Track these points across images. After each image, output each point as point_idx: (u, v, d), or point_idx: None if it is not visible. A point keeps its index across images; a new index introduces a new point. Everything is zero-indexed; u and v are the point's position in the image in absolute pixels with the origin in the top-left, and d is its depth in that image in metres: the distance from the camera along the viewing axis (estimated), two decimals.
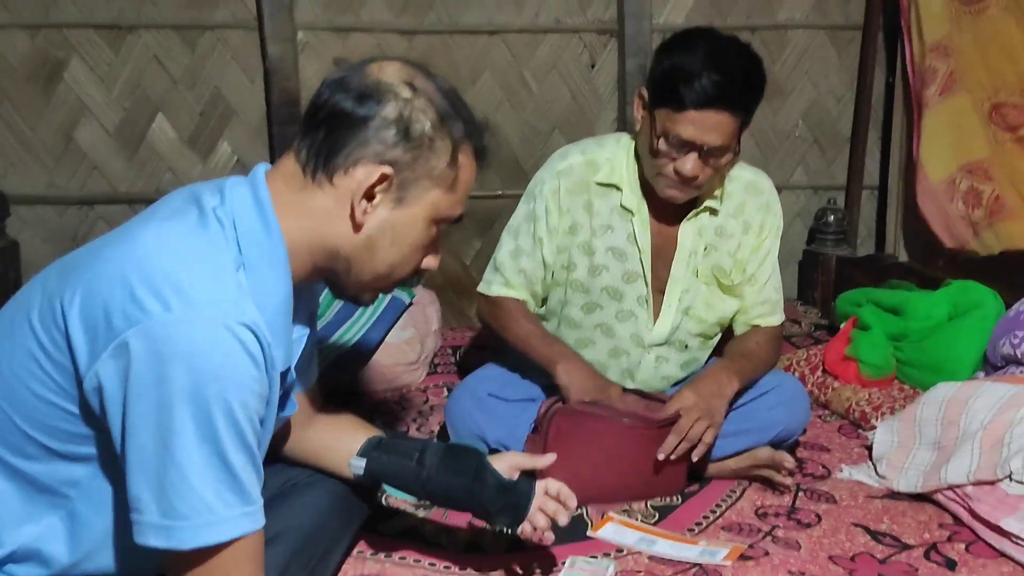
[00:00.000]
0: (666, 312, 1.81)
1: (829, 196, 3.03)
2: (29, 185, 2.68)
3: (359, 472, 1.32)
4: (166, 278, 0.93)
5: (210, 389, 0.91)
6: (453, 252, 2.86)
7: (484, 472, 1.31)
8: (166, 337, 0.91)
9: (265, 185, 1.06)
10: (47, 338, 0.96)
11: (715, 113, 1.58)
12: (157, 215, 1.05)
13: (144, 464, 0.93)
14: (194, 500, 0.93)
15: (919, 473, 1.72)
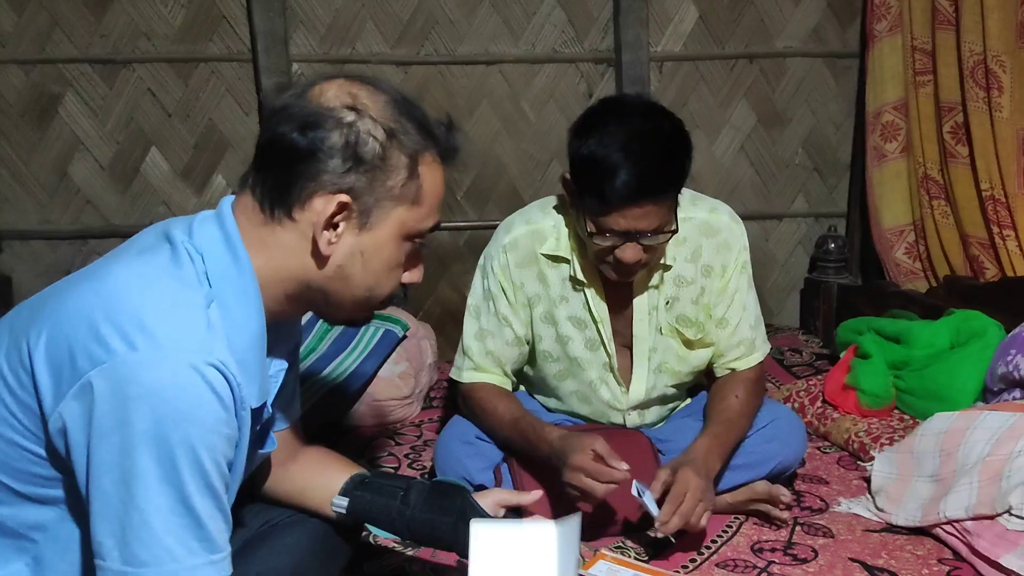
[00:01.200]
0: (638, 375, 1.77)
1: (830, 223, 3.01)
2: (23, 220, 2.68)
3: (342, 511, 1.28)
4: (132, 317, 0.91)
5: (174, 431, 0.89)
6: (452, 283, 2.85)
7: (469, 510, 1.27)
8: (130, 377, 0.88)
9: (232, 219, 1.04)
10: (13, 379, 0.94)
11: (643, 206, 1.50)
12: (128, 252, 1.03)
13: (107, 509, 0.90)
14: (156, 547, 0.90)
15: (918, 506, 1.67)
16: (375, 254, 1.05)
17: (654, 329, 1.74)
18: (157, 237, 1.04)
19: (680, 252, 1.71)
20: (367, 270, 1.05)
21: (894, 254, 2.83)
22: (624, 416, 1.81)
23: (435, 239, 2.85)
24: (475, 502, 1.29)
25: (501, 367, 1.78)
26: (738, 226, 1.75)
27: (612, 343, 1.74)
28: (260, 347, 1.04)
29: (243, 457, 1.03)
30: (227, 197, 1.08)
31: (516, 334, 1.75)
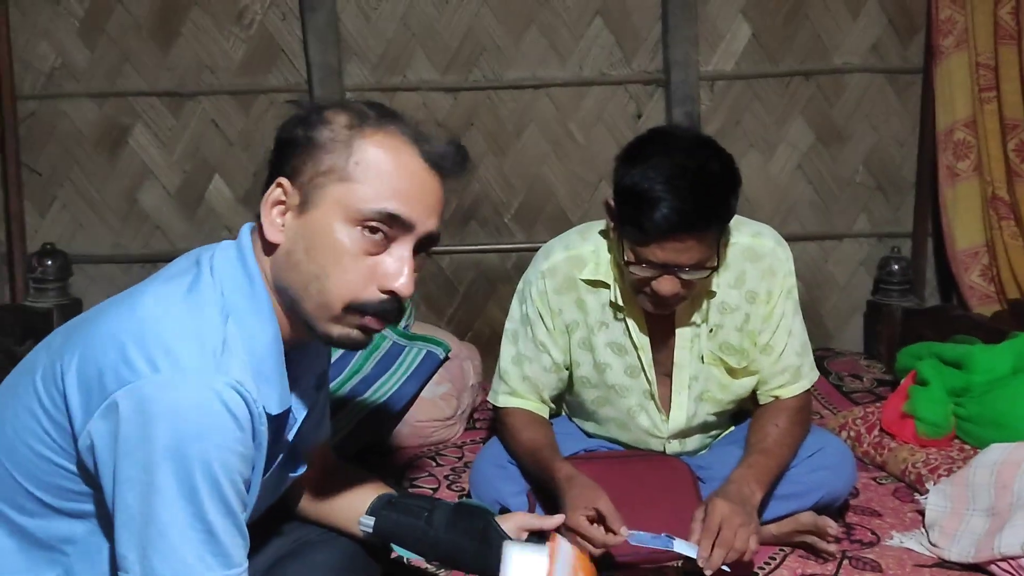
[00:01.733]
0: (677, 403, 1.73)
1: (894, 244, 2.90)
2: (95, 245, 2.81)
3: (368, 530, 1.30)
4: (157, 341, 0.95)
5: (192, 449, 0.92)
6: (500, 305, 2.86)
7: (491, 533, 1.28)
8: (152, 397, 0.92)
9: (249, 237, 1.08)
10: (47, 398, 0.99)
11: (683, 241, 1.48)
12: (159, 278, 1.08)
13: (129, 523, 0.94)
14: (174, 560, 0.93)
15: (972, 541, 1.59)
16: (316, 237, 1.02)
17: (696, 357, 1.71)
18: (190, 262, 1.09)
19: (724, 278, 1.67)
20: (311, 256, 1.02)
21: (969, 277, 2.73)
22: (664, 444, 1.78)
23: (483, 261, 2.88)
24: (498, 525, 1.29)
25: (538, 393, 1.77)
26: (783, 250, 1.71)
27: (652, 370, 1.71)
28: (277, 353, 1.06)
29: (261, 472, 1.05)
30: (248, 224, 1.11)
31: (554, 360, 1.74)
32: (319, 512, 1.36)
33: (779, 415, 1.70)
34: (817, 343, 2.91)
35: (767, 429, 1.67)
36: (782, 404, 1.72)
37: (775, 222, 2.48)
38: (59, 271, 2.64)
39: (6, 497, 1.02)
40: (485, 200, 2.86)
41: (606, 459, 1.76)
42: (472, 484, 1.76)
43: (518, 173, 2.85)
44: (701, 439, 1.82)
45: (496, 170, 2.84)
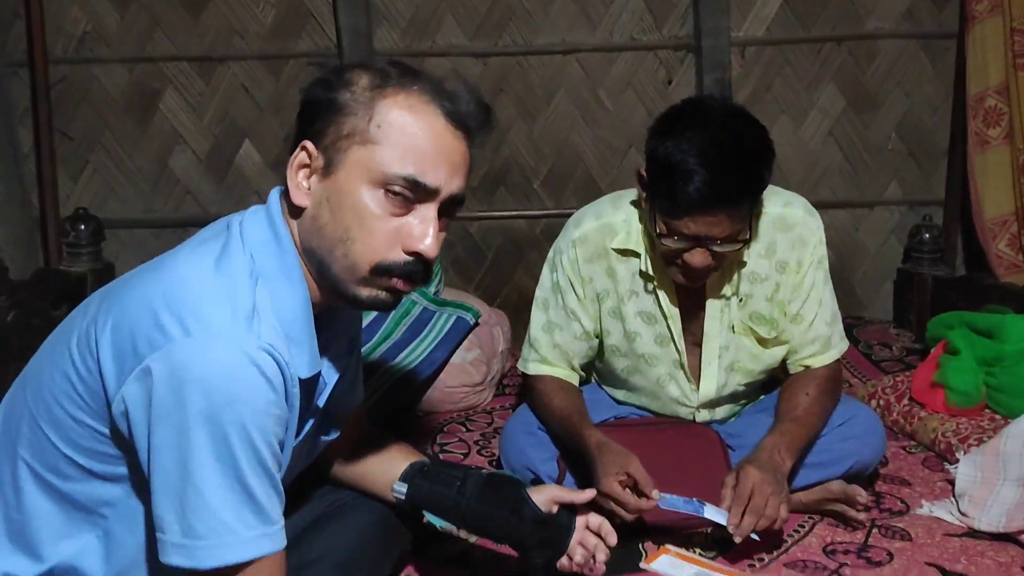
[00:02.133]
0: (707, 373, 1.74)
1: (926, 212, 2.87)
2: (128, 210, 2.84)
3: (401, 497, 1.33)
4: (188, 306, 0.97)
5: (226, 413, 0.94)
6: (529, 271, 2.87)
7: (522, 505, 1.30)
8: (185, 361, 0.94)
9: (278, 201, 1.09)
10: (81, 362, 1.01)
11: (715, 215, 1.48)
12: (191, 243, 1.10)
13: (166, 485, 0.96)
14: (213, 521, 0.95)
15: (1002, 511, 1.60)
16: (340, 200, 1.02)
17: (726, 327, 1.71)
18: (220, 227, 1.10)
19: (754, 248, 1.67)
20: (335, 218, 1.03)
21: (996, 245, 2.70)
22: (694, 413, 1.79)
23: (511, 227, 2.88)
24: (528, 497, 1.31)
25: (568, 361, 1.78)
26: (814, 220, 1.70)
27: (682, 340, 1.72)
28: (307, 317, 1.07)
29: (294, 434, 1.07)
30: (277, 187, 1.12)
31: (584, 329, 1.75)
32: (352, 476, 1.39)
33: (810, 384, 1.70)
34: (847, 312, 2.91)
35: (798, 398, 1.68)
36: (813, 373, 1.73)
37: (805, 189, 2.46)
38: (92, 236, 2.67)
39: (45, 462, 1.05)
40: (514, 166, 2.85)
41: (636, 426, 1.78)
42: (502, 450, 1.78)
43: (547, 139, 2.84)
44: (731, 408, 1.84)
45: (525, 136, 2.83)
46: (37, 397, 1.05)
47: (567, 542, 1.30)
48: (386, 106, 1.02)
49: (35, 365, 1.12)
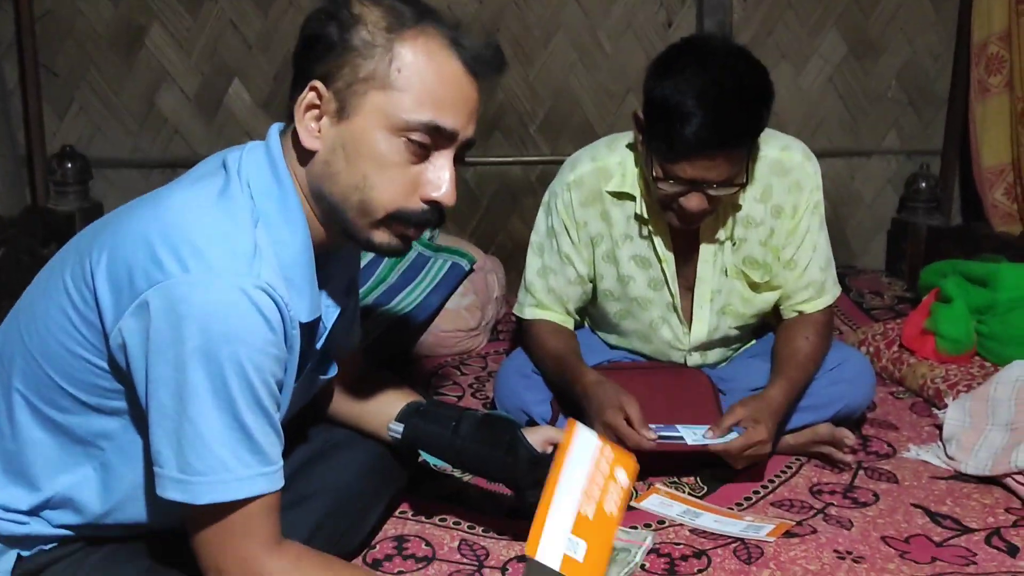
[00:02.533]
0: (699, 317, 1.74)
1: (923, 161, 2.86)
2: (115, 149, 2.79)
3: (397, 436, 1.33)
4: (186, 241, 0.95)
5: (223, 350, 0.93)
6: (524, 218, 2.85)
7: (517, 445, 1.31)
8: (183, 297, 0.92)
9: (278, 140, 1.06)
10: (77, 295, 1.00)
11: (713, 158, 1.46)
12: (187, 179, 1.07)
13: (164, 420, 0.95)
14: (209, 458, 0.95)
15: (990, 455, 1.62)
16: (357, 146, 1.00)
17: (719, 270, 1.71)
18: (215, 164, 1.08)
19: (750, 192, 1.66)
20: (351, 165, 1.01)
21: (993, 194, 2.70)
22: (685, 356, 1.80)
23: (506, 173, 2.85)
24: (523, 437, 1.31)
25: (563, 305, 1.78)
26: (811, 164, 1.69)
27: (676, 283, 1.72)
28: (308, 262, 1.05)
29: (293, 376, 1.07)
30: (274, 125, 1.09)
31: (579, 273, 1.75)
32: (349, 415, 1.39)
33: (808, 329, 1.71)
34: (840, 261, 2.88)
35: (797, 343, 1.68)
36: (809, 319, 1.73)
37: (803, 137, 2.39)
38: (79, 174, 2.63)
39: (41, 395, 1.04)
40: (510, 110, 2.81)
41: (628, 369, 1.79)
42: (496, 392, 1.79)
43: (544, 83, 2.80)
44: (722, 352, 1.84)
45: (522, 79, 2.79)
46: (31, 330, 1.04)
47: None
48: (405, 50, 0.99)
49: (27, 300, 1.10)
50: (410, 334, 2.12)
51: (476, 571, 1.34)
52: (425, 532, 1.44)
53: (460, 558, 1.37)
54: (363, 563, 1.35)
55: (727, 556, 1.37)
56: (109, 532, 1.10)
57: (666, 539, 1.43)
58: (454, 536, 1.43)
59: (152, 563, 1.11)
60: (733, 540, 1.42)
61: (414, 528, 1.45)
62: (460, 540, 1.42)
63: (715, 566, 1.35)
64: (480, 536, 1.44)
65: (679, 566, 1.35)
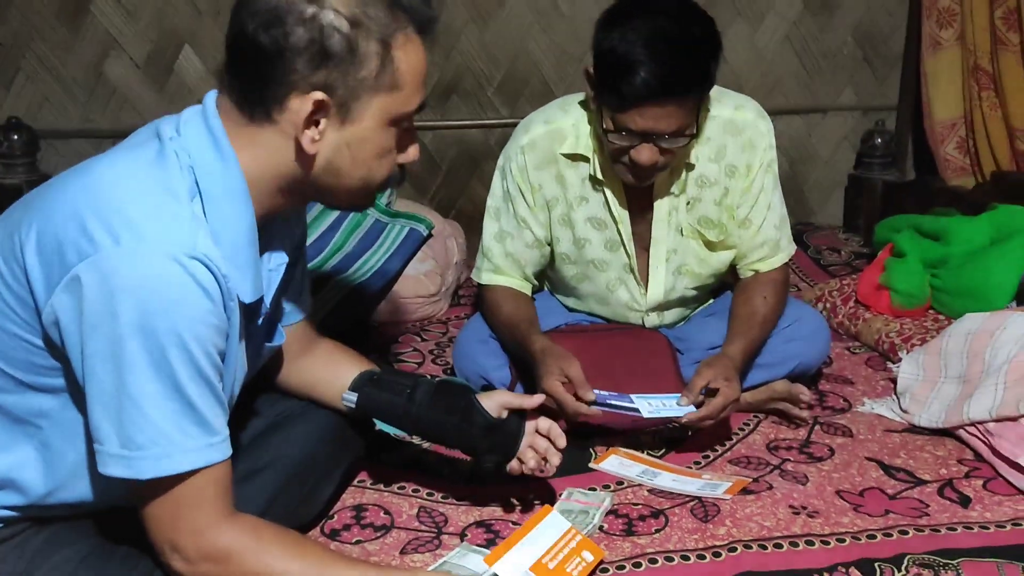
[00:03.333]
0: (655, 277, 1.74)
1: (879, 118, 2.87)
2: (64, 120, 2.72)
3: (351, 406, 1.33)
4: (117, 212, 0.93)
5: (160, 322, 0.92)
6: (484, 182, 2.81)
7: (472, 411, 1.31)
8: (115, 270, 0.91)
9: (216, 115, 1.03)
10: (8, 273, 0.98)
11: (662, 106, 1.45)
12: (119, 149, 1.05)
13: (102, 396, 0.94)
14: (151, 431, 0.94)
15: (942, 408, 1.65)
16: (362, 145, 1.04)
17: (674, 230, 1.71)
18: (148, 135, 1.05)
19: (703, 152, 1.66)
20: (356, 161, 1.05)
21: (945, 149, 2.72)
22: (643, 317, 1.81)
23: (465, 137, 2.83)
24: (478, 403, 1.31)
25: (521, 269, 1.77)
26: (764, 123, 1.69)
27: (632, 243, 1.72)
28: (251, 243, 1.05)
29: (237, 348, 1.05)
30: (210, 92, 1.06)
31: (535, 236, 1.74)
32: (302, 385, 1.37)
33: (765, 288, 1.73)
34: (799, 218, 2.95)
35: (755, 302, 1.70)
36: (765, 277, 1.75)
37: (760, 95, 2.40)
38: (26, 146, 2.56)
39: None
40: (467, 73, 2.78)
41: (586, 332, 1.79)
42: (455, 358, 1.79)
43: (501, 45, 2.76)
44: (680, 312, 1.85)
45: (478, 41, 2.75)
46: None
47: (517, 446, 1.32)
48: (399, 53, 1.02)
49: None
50: (369, 301, 2.11)
51: (435, 538, 1.34)
52: (384, 500, 1.44)
53: (419, 525, 1.38)
54: (321, 534, 1.35)
55: (684, 515, 1.39)
56: (54, 512, 1.09)
57: (624, 500, 1.44)
58: (413, 504, 1.44)
59: (100, 541, 1.09)
60: (691, 499, 1.44)
61: (372, 497, 1.46)
62: (419, 507, 1.42)
63: (672, 525, 1.37)
64: (439, 503, 1.45)
65: (637, 526, 1.37)
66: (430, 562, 1.26)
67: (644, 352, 1.72)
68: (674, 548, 1.30)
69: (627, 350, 1.71)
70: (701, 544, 1.31)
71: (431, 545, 1.32)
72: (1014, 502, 1.42)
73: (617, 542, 1.32)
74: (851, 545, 1.30)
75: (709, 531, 1.35)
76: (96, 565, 1.06)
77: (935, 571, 1.23)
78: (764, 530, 1.35)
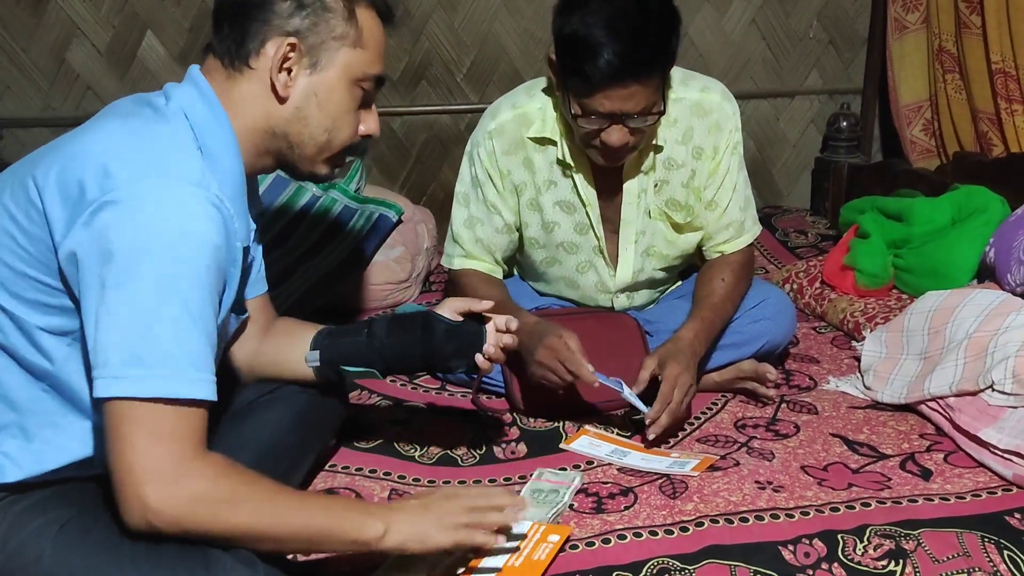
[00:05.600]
0: (623, 258, 1.76)
1: (844, 100, 2.90)
2: (26, 108, 2.68)
3: (316, 364, 1.32)
4: (138, 154, 1.00)
5: (177, 250, 0.96)
6: (454, 168, 2.77)
7: (431, 320, 1.33)
8: (138, 203, 0.96)
9: (204, 80, 1.13)
10: (22, 214, 1.01)
11: (628, 86, 1.46)
12: (111, 116, 1.08)
13: (116, 320, 0.95)
14: (160, 352, 0.96)
15: (904, 384, 1.68)
16: (328, 95, 1.15)
17: (642, 212, 1.73)
18: (135, 103, 1.12)
19: (671, 134, 1.67)
20: (323, 111, 1.15)
21: (911, 131, 2.76)
22: (612, 299, 1.82)
23: (436, 123, 2.82)
24: (435, 312, 1.34)
25: (491, 254, 1.78)
26: (730, 105, 1.70)
27: (601, 226, 1.73)
28: (243, 193, 1.15)
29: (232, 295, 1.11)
30: (193, 66, 1.16)
31: (505, 221, 1.74)
32: (267, 365, 1.36)
33: (725, 270, 1.74)
34: (768, 201, 2.98)
35: (714, 284, 1.72)
36: (727, 259, 1.77)
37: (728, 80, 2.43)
38: None
39: None
40: (435, 59, 2.77)
41: (557, 316, 1.80)
42: None
43: (469, 30, 2.75)
44: (649, 294, 1.87)
45: (446, 27, 2.74)
46: None
47: (481, 343, 1.33)
48: (363, 14, 1.15)
49: None
50: (339, 287, 2.11)
51: None
52: (355, 484, 1.45)
53: None
54: None
55: (653, 492, 1.41)
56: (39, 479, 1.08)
57: (594, 479, 1.46)
58: (384, 487, 1.44)
59: (80, 509, 1.07)
60: (659, 476, 1.46)
61: (344, 480, 1.46)
62: (390, 490, 1.43)
63: (641, 502, 1.38)
64: (410, 485, 1.45)
65: (607, 504, 1.38)
66: None
67: (614, 334, 1.73)
68: (642, 524, 1.32)
69: (597, 332, 1.72)
70: (669, 520, 1.33)
71: None
72: (974, 474, 1.46)
73: (587, 519, 1.34)
74: (814, 518, 1.32)
75: (677, 507, 1.36)
76: (77, 530, 1.04)
77: (896, 541, 1.26)
78: (730, 505, 1.37)
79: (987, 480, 1.44)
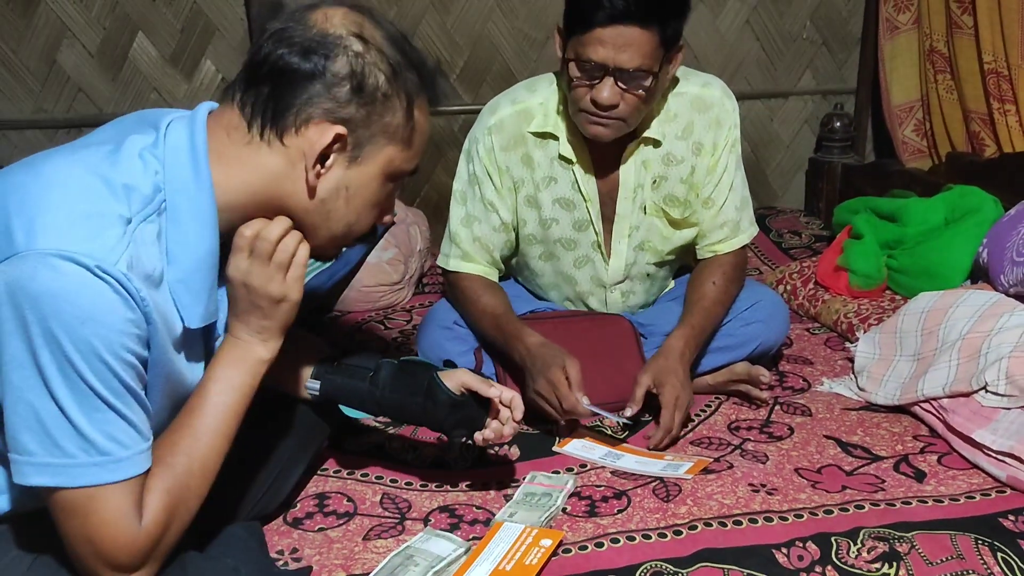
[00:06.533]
0: (616, 251, 1.75)
1: (838, 101, 2.91)
2: (17, 110, 2.66)
3: (315, 394, 1.32)
4: (43, 215, 0.89)
5: (77, 331, 0.88)
6: (448, 169, 2.81)
7: (435, 389, 1.31)
8: (30, 275, 0.87)
9: (204, 131, 1.00)
10: None
11: (625, 29, 1.45)
12: (74, 146, 1.00)
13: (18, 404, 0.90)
14: (79, 440, 0.90)
15: (898, 385, 1.68)
16: (359, 190, 1.04)
17: (638, 207, 1.72)
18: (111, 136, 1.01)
19: (670, 129, 1.67)
20: (350, 206, 1.05)
21: (903, 131, 2.76)
22: (606, 295, 1.81)
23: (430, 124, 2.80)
24: (440, 381, 1.32)
25: (489, 254, 1.77)
26: (730, 101, 1.70)
27: (600, 222, 1.73)
28: (211, 267, 1.01)
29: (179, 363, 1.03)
30: (205, 104, 1.04)
31: (502, 219, 1.74)
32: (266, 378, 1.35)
33: (716, 272, 1.74)
34: (762, 202, 2.97)
35: (705, 288, 1.72)
36: (719, 260, 1.76)
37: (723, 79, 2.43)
38: None
39: None
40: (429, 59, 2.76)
41: (552, 319, 1.80)
42: (419, 345, 1.78)
43: (462, 31, 2.75)
44: (645, 294, 1.86)
45: (439, 27, 2.73)
46: None
47: (483, 419, 1.33)
48: (418, 113, 1.05)
49: None
50: (331, 290, 2.09)
51: (398, 523, 1.34)
52: (347, 488, 1.44)
53: (382, 512, 1.37)
54: (284, 523, 1.34)
55: (646, 495, 1.41)
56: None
57: (587, 482, 1.45)
58: (376, 491, 1.43)
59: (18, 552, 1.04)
60: (653, 479, 1.45)
61: (336, 484, 1.45)
62: (382, 494, 1.42)
63: (635, 505, 1.38)
64: (402, 489, 1.44)
65: (600, 507, 1.37)
66: (393, 547, 1.26)
67: (609, 338, 1.73)
68: (636, 528, 1.31)
69: (593, 336, 1.72)
70: (663, 523, 1.32)
71: (394, 531, 1.32)
72: (968, 476, 1.45)
73: (580, 523, 1.33)
74: (808, 520, 1.32)
75: (670, 510, 1.36)
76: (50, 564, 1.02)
77: (890, 544, 1.26)
78: (724, 508, 1.36)
79: (981, 482, 1.43)
